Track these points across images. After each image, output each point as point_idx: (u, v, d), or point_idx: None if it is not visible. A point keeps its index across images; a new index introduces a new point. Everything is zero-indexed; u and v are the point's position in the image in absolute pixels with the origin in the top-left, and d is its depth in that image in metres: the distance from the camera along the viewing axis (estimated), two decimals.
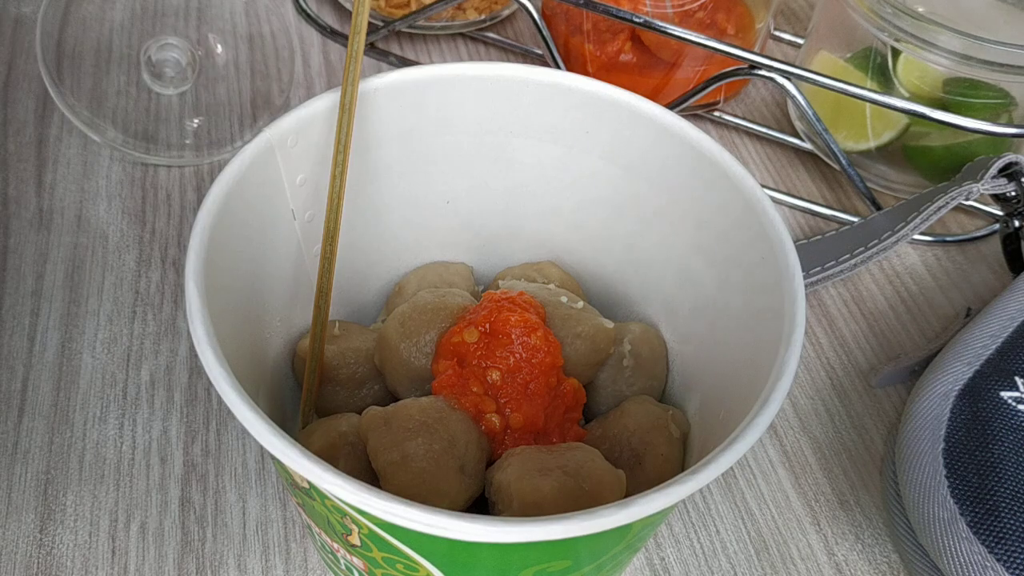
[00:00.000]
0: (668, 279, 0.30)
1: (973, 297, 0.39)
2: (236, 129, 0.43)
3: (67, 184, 0.40)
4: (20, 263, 0.37)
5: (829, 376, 0.36)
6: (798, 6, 0.53)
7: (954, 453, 0.30)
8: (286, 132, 0.26)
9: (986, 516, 0.28)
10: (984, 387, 0.31)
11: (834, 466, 0.34)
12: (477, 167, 0.30)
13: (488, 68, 0.28)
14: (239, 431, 0.33)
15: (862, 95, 0.37)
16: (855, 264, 0.37)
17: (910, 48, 0.38)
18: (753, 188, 0.26)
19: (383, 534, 0.21)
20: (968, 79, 0.38)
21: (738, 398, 0.24)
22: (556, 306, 0.29)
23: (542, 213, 0.31)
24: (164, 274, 0.37)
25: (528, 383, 0.26)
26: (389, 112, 0.28)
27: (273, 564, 0.30)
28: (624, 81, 0.43)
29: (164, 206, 0.40)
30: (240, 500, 0.31)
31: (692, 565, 0.31)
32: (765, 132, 0.45)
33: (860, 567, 0.31)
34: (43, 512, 0.31)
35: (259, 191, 0.26)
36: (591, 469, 0.24)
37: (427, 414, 0.25)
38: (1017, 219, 0.37)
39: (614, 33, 0.43)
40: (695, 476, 0.20)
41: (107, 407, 0.33)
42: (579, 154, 0.30)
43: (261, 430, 0.20)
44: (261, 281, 0.27)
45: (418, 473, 0.24)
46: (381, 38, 0.47)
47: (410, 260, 0.32)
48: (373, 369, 0.29)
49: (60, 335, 0.35)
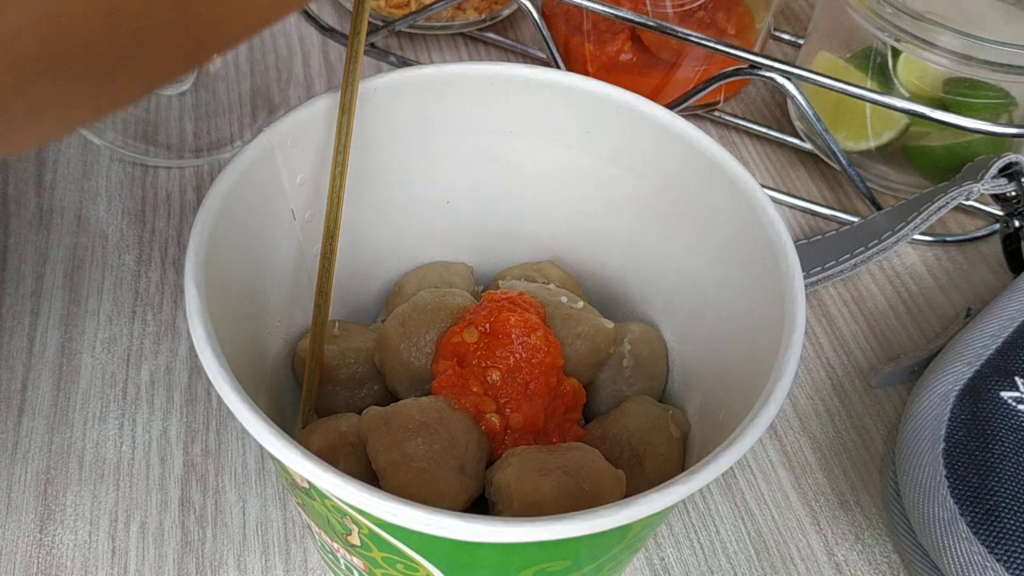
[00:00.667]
0: (668, 279, 0.30)
1: (973, 297, 0.39)
2: (236, 129, 0.43)
3: (67, 184, 0.40)
4: (20, 263, 0.37)
5: (829, 376, 0.36)
6: (798, 6, 0.53)
7: (954, 453, 0.29)
8: (286, 132, 0.26)
9: (986, 516, 0.28)
10: (984, 387, 0.31)
11: (834, 466, 0.34)
12: (477, 167, 0.30)
13: (488, 68, 0.28)
14: (239, 431, 0.33)
15: (862, 95, 0.37)
16: (855, 264, 0.37)
17: (910, 48, 0.38)
18: (753, 188, 0.26)
19: (383, 534, 0.21)
20: (968, 79, 0.38)
21: (738, 398, 0.24)
22: (556, 306, 0.29)
23: (542, 213, 0.31)
24: (164, 274, 0.37)
25: (528, 383, 0.26)
26: (389, 112, 0.28)
27: (273, 564, 0.30)
28: (624, 81, 0.43)
29: (164, 206, 0.40)
30: (240, 500, 0.31)
31: (692, 565, 0.31)
32: (765, 132, 0.45)
33: (860, 567, 0.31)
34: (43, 512, 0.31)
35: (259, 191, 0.26)
36: (591, 469, 0.24)
37: (427, 414, 0.25)
38: (1017, 219, 0.37)
39: (614, 33, 0.43)
40: (695, 476, 0.20)
41: (107, 407, 0.33)
42: (579, 154, 0.30)
43: (261, 430, 0.20)
44: (261, 281, 0.27)
45: (418, 473, 0.24)
46: (381, 38, 0.47)
47: (410, 260, 0.32)
48: (373, 369, 0.29)
49: (60, 335, 0.35)
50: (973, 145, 0.39)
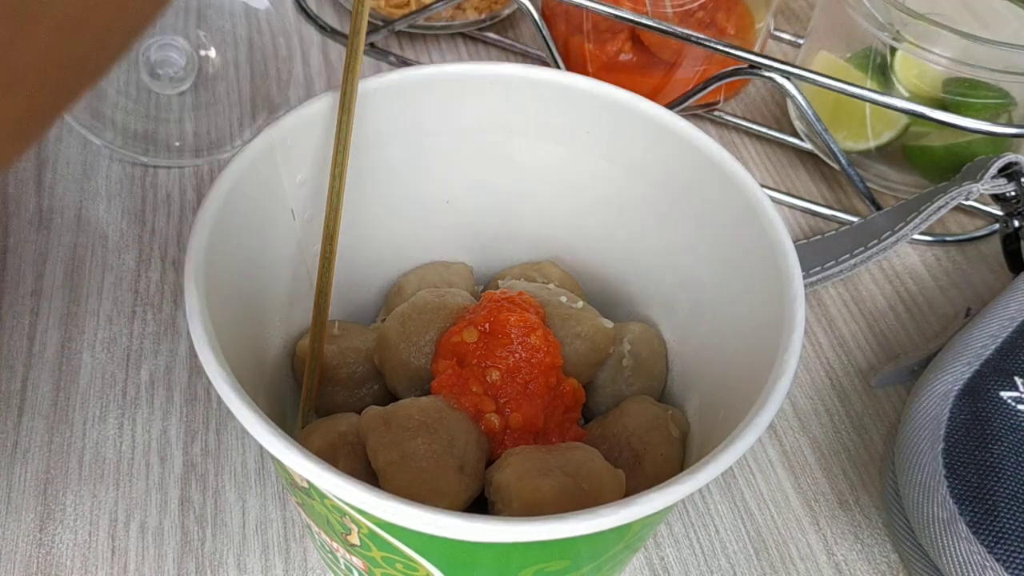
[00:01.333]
0: (668, 279, 0.30)
1: (973, 297, 0.39)
2: (236, 129, 0.43)
3: (67, 184, 0.40)
4: (20, 263, 0.37)
5: (829, 376, 0.36)
6: (798, 6, 0.53)
7: (954, 453, 0.29)
8: (286, 132, 0.26)
9: (985, 516, 0.28)
10: (984, 387, 0.31)
11: (834, 466, 0.34)
12: (477, 167, 0.30)
13: (488, 68, 0.28)
14: (239, 431, 0.33)
15: (862, 95, 0.37)
16: (855, 264, 0.37)
17: (909, 48, 0.38)
18: (753, 188, 0.26)
19: (382, 534, 0.21)
20: (967, 79, 0.38)
21: (738, 398, 0.24)
22: (556, 306, 0.29)
23: (542, 213, 0.31)
24: (164, 274, 0.37)
25: (528, 383, 0.26)
26: (389, 112, 0.28)
27: (273, 564, 0.30)
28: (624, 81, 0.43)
29: (164, 206, 0.40)
30: (240, 500, 0.31)
31: (692, 565, 0.31)
32: (765, 132, 0.45)
33: (860, 567, 0.31)
34: (43, 511, 0.31)
35: (259, 191, 0.26)
36: (591, 469, 0.24)
37: (427, 414, 0.25)
38: (1017, 219, 0.37)
39: (614, 33, 0.43)
40: (694, 476, 0.20)
41: (107, 407, 0.33)
42: (579, 154, 0.30)
43: (260, 430, 0.20)
44: (261, 281, 0.27)
45: (418, 473, 0.24)
46: (381, 38, 0.47)
47: (410, 260, 0.32)
48: (373, 369, 0.29)
49: (60, 335, 0.35)
50: (973, 145, 0.39)
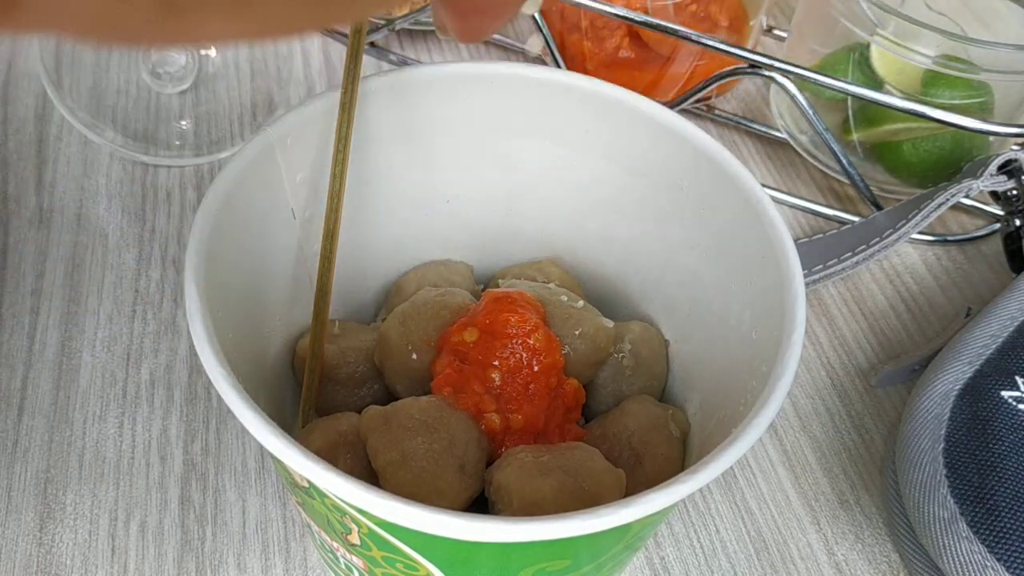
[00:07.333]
0: (668, 279, 0.30)
1: (973, 297, 0.39)
2: (236, 128, 0.43)
3: (67, 183, 0.40)
4: (20, 262, 0.37)
5: (829, 376, 0.36)
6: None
7: (954, 453, 0.29)
8: (286, 131, 0.26)
9: (986, 516, 0.28)
10: (984, 387, 0.31)
11: (834, 466, 0.34)
12: (477, 167, 0.30)
13: (488, 67, 0.28)
14: (239, 430, 0.33)
15: (863, 95, 0.37)
16: (856, 262, 0.37)
17: (888, 45, 0.38)
18: (753, 187, 0.26)
19: (383, 533, 0.21)
20: (946, 75, 0.38)
21: (738, 398, 0.24)
22: (556, 305, 0.29)
23: (542, 212, 0.31)
24: (164, 273, 0.37)
25: (528, 383, 0.26)
26: (389, 112, 0.28)
27: (273, 563, 0.30)
28: (622, 76, 0.43)
29: (164, 205, 0.40)
30: (240, 499, 0.31)
31: (692, 564, 0.31)
32: (766, 131, 0.45)
33: (860, 567, 0.31)
34: (43, 511, 0.31)
35: (259, 190, 0.26)
36: (591, 469, 0.24)
37: (427, 413, 0.25)
38: (1018, 218, 0.37)
39: (612, 30, 0.43)
40: (695, 476, 0.20)
41: (107, 406, 0.33)
42: (579, 153, 0.30)
43: (261, 429, 0.20)
44: (261, 280, 0.27)
45: (418, 472, 0.24)
46: (382, 36, 0.47)
47: (410, 259, 0.32)
48: (373, 368, 0.29)
49: (60, 334, 0.35)
50: (939, 141, 0.39)
